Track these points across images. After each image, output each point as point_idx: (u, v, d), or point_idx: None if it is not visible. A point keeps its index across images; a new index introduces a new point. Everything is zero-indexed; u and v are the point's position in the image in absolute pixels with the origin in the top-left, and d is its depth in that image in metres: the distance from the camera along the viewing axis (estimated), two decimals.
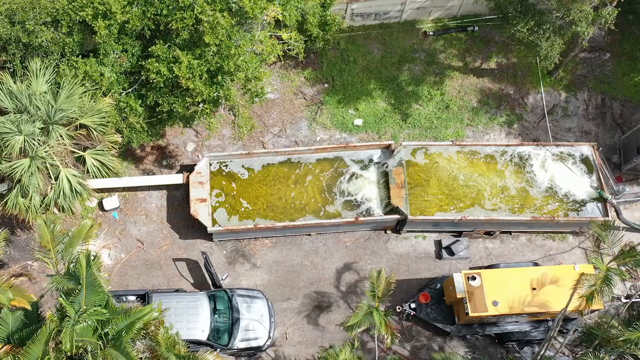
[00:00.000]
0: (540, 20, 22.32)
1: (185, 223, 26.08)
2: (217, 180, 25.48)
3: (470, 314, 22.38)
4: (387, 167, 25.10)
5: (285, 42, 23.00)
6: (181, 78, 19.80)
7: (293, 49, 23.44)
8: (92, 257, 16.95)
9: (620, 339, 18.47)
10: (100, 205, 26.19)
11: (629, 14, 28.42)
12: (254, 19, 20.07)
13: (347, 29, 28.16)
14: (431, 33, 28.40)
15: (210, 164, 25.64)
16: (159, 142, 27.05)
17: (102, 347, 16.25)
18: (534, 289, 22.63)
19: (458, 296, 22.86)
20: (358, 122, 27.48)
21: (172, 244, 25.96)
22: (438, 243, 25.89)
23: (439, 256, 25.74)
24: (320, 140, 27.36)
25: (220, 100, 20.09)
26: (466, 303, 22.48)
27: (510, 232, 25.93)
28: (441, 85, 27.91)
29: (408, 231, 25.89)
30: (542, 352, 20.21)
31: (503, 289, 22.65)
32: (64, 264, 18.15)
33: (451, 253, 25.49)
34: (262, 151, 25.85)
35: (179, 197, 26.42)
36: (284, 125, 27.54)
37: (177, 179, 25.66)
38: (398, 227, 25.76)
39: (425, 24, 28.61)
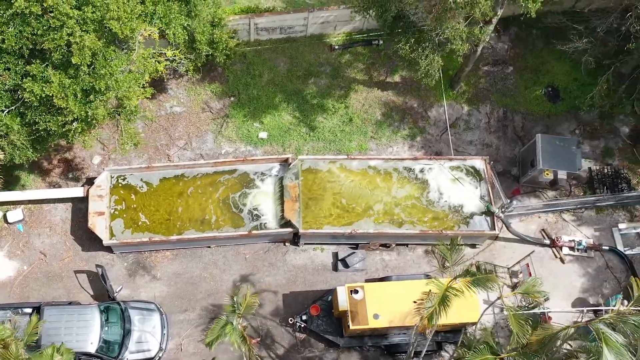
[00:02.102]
0: (420, 37, 22.69)
1: (88, 235, 26.37)
2: (117, 194, 25.86)
3: (351, 327, 22.79)
4: (283, 180, 25.48)
5: (174, 60, 23.31)
6: (54, 97, 20.14)
7: (183, 66, 23.75)
8: None
9: None
10: (5, 217, 26.51)
11: (532, 28, 28.83)
12: (126, 39, 20.41)
13: (253, 43, 28.62)
14: (337, 47, 28.78)
15: (112, 178, 26.03)
16: (65, 155, 27.46)
17: None
18: (415, 302, 22.94)
19: (341, 309, 23.24)
20: (263, 135, 27.85)
21: (74, 256, 26.31)
22: (335, 255, 26.26)
23: (335, 268, 26.12)
24: (225, 153, 27.72)
25: (89, 120, 20.41)
26: (348, 316, 22.87)
27: (407, 245, 26.29)
28: (346, 98, 28.30)
29: (305, 243, 26.26)
30: None
31: (385, 302, 23.03)
32: None
33: (346, 265, 25.87)
34: (162, 165, 26.25)
35: (83, 209, 26.67)
36: (189, 138, 27.91)
37: (77, 192, 26.05)
38: (296, 239, 26.12)
39: (332, 38, 28.99)
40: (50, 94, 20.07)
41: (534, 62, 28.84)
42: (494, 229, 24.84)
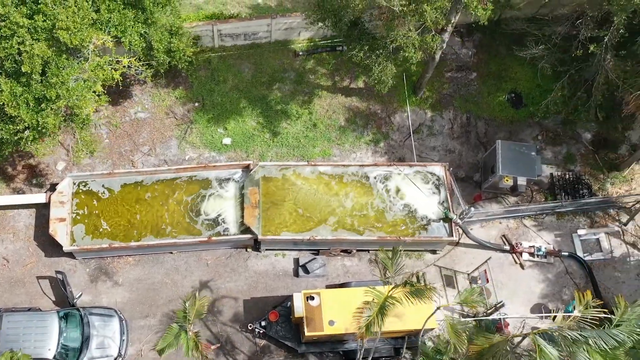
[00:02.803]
0: (374, 44, 22.79)
1: (51, 241, 26.39)
2: (79, 200, 25.95)
3: (307, 334, 22.86)
4: (243, 187, 25.59)
5: (130, 67, 23.38)
6: (6, 105, 20.25)
7: (141, 73, 23.84)
8: None
9: None
10: None
11: (496, 34, 28.92)
12: (77, 48, 20.51)
13: (218, 49, 28.72)
14: (301, 53, 28.85)
15: (74, 184, 26.13)
16: (29, 160, 27.53)
17: None
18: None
19: (297, 315, 23.34)
20: (227, 141, 27.93)
21: (37, 262, 26.38)
22: (296, 261, 26.34)
23: (296, 274, 26.19)
24: (189, 158, 27.81)
25: (40, 128, 20.50)
26: (304, 322, 22.96)
27: (368, 250, 26.35)
28: (310, 104, 28.38)
29: (267, 249, 26.35)
30: None
31: (341, 309, 23.05)
32: None
33: (307, 271, 25.95)
34: (123, 171, 26.32)
35: (47, 215, 26.69)
36: (153, 144, 27.98)
37: (39, 198, 26.12)
38: (257, 245, 26.21)
39: (297, 44, 29.06)
40: (1, 102, 20.17)
41: (498, 68, 28.92)
42: (452, 235, 24.93)
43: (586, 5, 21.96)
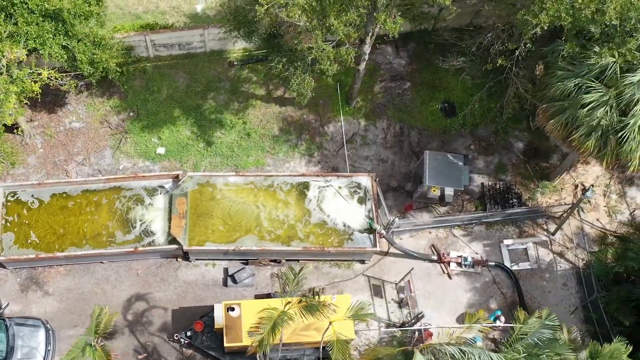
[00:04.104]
0: (292, 57, 22.91)
1: None
2: (9, 210, 26.03)
3: (226, 344, 23.01)
4: (171, 197, 25.69)
5: (50, 79, 23.46)
6: None
7: (64, 84, 23.93)
8: None
9: None
10: None
11: (430, 43, 29.06)
12: None
13: (153, 59, 28.83)
14: (236, 63, 28.97)
15: (4, 194, 26.22)
16: None
17: None
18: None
19: (217, 326, 23.47)
20: (161, 150, 28.03)
21: None
22: (226, 271, 26.45)
23: (225, 284, 26.31)
24: (123, 168, 27.91)
25: None
26: (224, 333, 23.09)
27: (297, 260, 26.46)
28: (244, 113, 28.50)
29: (197, 259, 26.46)
30: None
31: None
32: None
33: (235, 281, 26.06)
34: (53, 181, 26.44)
35: None
36: (88, 153, 28.07)
37: None
38: (187, 255, 26.31)
39: (232, 54, 29.18)
40: None
41: (431, 77, 29.05)
42: (376, 246, 25.06)
43: (494, 19, 22.08)
